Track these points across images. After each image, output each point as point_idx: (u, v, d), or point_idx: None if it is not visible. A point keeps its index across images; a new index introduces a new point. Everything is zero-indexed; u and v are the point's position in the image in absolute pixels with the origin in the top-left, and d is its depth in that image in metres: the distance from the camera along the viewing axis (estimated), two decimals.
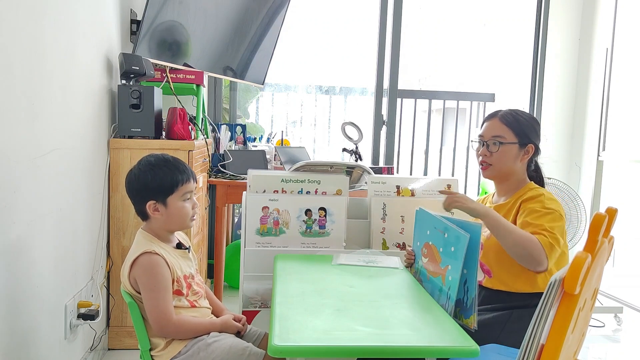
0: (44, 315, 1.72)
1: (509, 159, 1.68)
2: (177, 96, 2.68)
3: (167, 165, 1.47)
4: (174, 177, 1.46)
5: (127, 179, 1.50)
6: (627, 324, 3.02)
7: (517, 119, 1.68)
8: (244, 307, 1.91)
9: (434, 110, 4.00)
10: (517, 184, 1.71)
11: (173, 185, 1.46)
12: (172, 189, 1.46)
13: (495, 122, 1.70)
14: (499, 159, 1.68)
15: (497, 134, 1.68)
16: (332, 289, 1.44)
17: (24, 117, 1.53)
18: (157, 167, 1.46)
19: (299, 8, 3.56)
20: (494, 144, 1.67)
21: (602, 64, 3.32)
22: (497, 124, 1.69)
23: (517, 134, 1.67)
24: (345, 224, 2.02)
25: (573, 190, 2.93)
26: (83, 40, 2.00)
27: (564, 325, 0.87)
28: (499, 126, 1.68)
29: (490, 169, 1.70)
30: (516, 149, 1.67)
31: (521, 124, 1.68)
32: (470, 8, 4.51)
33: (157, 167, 1.46)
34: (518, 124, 1.68)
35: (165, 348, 1.43)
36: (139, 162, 1.50)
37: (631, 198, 3.64)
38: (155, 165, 1.47)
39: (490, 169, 1.70)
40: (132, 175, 1.49)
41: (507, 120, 1.68)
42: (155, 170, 1.46)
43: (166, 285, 1.42)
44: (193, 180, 1.52)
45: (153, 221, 1.49)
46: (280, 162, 2.91)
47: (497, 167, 1.69)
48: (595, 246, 0.93)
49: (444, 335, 1.17)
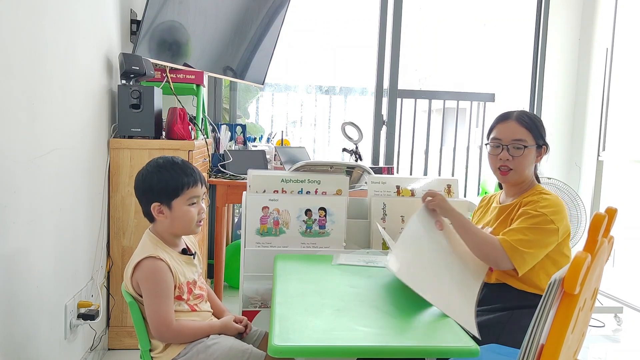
0: (44, 315, 1.72)
1: (530, 162, 1.66)
2: (177, 96, 2.68)
3: (174, 167, 1.46)
4: (179, 180, 1.44)
5: (135, 179, 1.50)
6: (627, 324, 3.02)
7: (533, 121, 1.66)
8: (244, 307, 1.91)
9: (434, 110, 4.00)
10: (527, 185, 1.69)
11: (178, 189, 1.44)
12: (177, 192, 1.44)
13: (513, 125, 1.65)
14: (520, 163, 1.64)
15: (519, 138, 1.63)
16: (332, 289, 1.44)
17: (24, 117, 1.53)
18: (164, 169, 1.45)
19: (299, 8, 3.56)
20: (517, 148, 1.63)
21: (602, 64, 3.32)
22: (516, 127, 1.65)
23: (535, 136, 1.65)
24: (345, 224, 2.02)
25: (573, 190, 2.93)
26: (83, 40, 2.00)
27: (564, 325, 0.87)
28: (519, 129, 1.64)
29: (512, 173, 1.65)
30: (534, 152, 1.66)
31: (537, 125, 1.66)
32: (470, 8, 4.51)
33: (164, 169, 1.45)
34: (535, 126, 1.66)
35: (164, 350, 1.43)
36: (147, 163, 1.49)
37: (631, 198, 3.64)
38: (163, 167, 1.46)
39: (512, 173, 1.65)
40: (139, 176, 1.48)
41: (525, 122, 1.65)
42: (162, 172, 1.45)
43: (168, 292, 1.41)
44: (201, 184, 1.49)
45: (158, 223, 1.48)
46: (280, 162, 2.91)
47: (519, 171, 1.65)
48: (595, 246, 0.93)
49: (444, 335, 1.17)
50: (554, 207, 1.58)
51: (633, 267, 3.62)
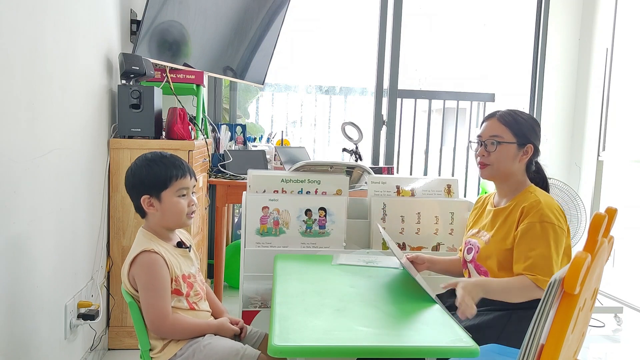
0: (44, 315, 1.72)
1: (507, 159, 1.67)
2: (177, 96, 2.68)
3: (162, 160, 1.48)
4: (167, 172, 1.46)
5: (125, 174, 1.52)
6: (627, 324, 3.02)
7: (515, 119, 1.68)
8: (244, 307, 1.91)
9: (434, 110, 4.00)
10: (516, 185, 1.70)
11: (166, 180, 1.46)
12: (165, 184, 1.46)
13: (493, 122, 1.69)
14: (496, 158, 1.67)
15: (495, 134, 1.67)
16: (332, 289, 1.44)
17: (24, 117, 1.53)
18: (153, 162, 1.48)
19: (299, 8, 3.56)
20: (492, 143, 1.66)
21: (602, 64, 3.31)
22: (496, 123, 1.68)
23: (516, 134, 1.66)
24: (345, 224, 2.02)
25: (573, 190, 2.93)
26: (83, 41, 2.00)
27: (564, 325, 0.87)
28: (497, 126, 1.68)
29: (488, 168, 1.69)
30: (514, 149, 1.66)
31: (520, 123, 1.67)
32: (470, 8, 4.51)
33: (153, 162, 1.48)
34: (517, 124, 1.67)
35: (162, 350, 1.43)
36: (137, 158, 1.52)
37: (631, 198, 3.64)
38: (151, 160, 1.48)
39: (488, 168, 1.69)
40: (129, 171, 1.51)
41: (506, 120, 1.68)
42: (151, 165, 1.47)
43: (164, 285, 1.42)
44: (190, 176, 1.51)
45: (150, 217, 1.50)
46: (280, 162, 2.91)
47: (495, 166, 1.68)
48: (595, 246, 0.92)
49: (444, 335, 1.17)
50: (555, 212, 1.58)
51: (633, 267, 3.62)
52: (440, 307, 1.36)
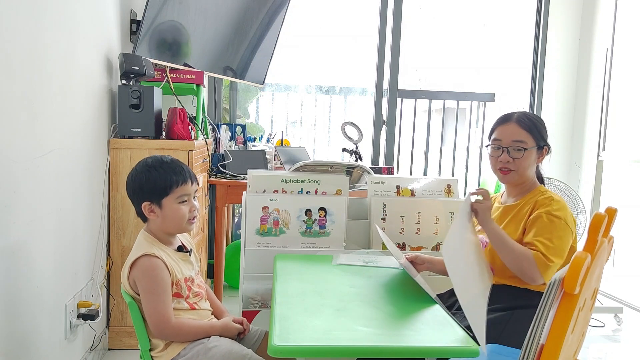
0: (44, 315, 1.72)
1: (530, 163, 1.67)
2: (177, 96, 2.68)
3: (162, 166, 1.46)
4: (168, 179, 1.45)
5: (126, 179, 1.51)
6: (627, 324, 3.02)
7: (533, 122, 1.68)
8: (244, 307, 1.91)
9: (434, 110, 4.00)
10: (529, 185, 1.70)
11: (167, 187, 1.45)
12: (166, 191, 1.45)
13: (513, 127, 1.67)
14: (521, 164, 1.65)
15: (518, 139, 1.65)
16: (332, 289, 1.44)
17: (24, 117, 1.53)
18: (153, 168, 1.46)
19: (299, 8, 3.56)
20: (517, 150, 1.65)
21: (602, 64, 3.31)
22: (517, 129, 1.66)
23: (535, 138, 1.66)
24: (345, 224, 2.02)
25: (573, 190, 2.93)
26: (83, 41, 2.00)
27: (564, 325, 0.87)
28: (519, 131, 1.66)
29: (512, 174, 1.67)
30: (535, 153, 1.67)
31: (537, 126, 1.67)
32: (470, 8, 4.52)
33: (153, 169, 1.46)
34: (535, 127, 1.67)
35: (164, 349, 1.43)
36: (137, 163, 1.51)
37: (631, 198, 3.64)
38: (152, 166, 1.47)
39: (512, 174, 1.67)
40: (129, 176, 1.50)
41: (526, 124, 1.66)
42: (151, 171, 1.45)
43: (165, 288, 1.41)
44: (192, 181, 1.50)
45: (151, 223, 1.50)
46: (280, 162, 2.91)
47: (520, 172, 1.66)
48: (595, 246, 0.93)
49: (444, 335, 1.17)
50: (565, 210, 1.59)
51: (633, 267, 3.62)
52: (441, 307, 1.36)
